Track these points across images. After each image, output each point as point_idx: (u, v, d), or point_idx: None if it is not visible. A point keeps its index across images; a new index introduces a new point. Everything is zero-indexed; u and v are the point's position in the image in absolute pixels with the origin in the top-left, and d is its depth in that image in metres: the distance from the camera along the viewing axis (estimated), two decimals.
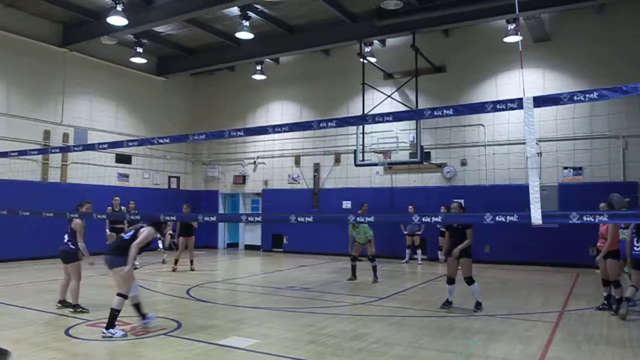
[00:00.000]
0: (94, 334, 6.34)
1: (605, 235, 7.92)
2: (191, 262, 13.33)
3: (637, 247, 7.41)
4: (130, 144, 6.81)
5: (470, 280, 8.02)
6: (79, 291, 7.74)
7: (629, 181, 13.64)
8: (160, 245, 15.41)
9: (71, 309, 7.66)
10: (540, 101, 4.31)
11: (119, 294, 6.25)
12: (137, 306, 6.68)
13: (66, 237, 7.80)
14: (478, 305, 8.06)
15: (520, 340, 6.19)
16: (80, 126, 17.05)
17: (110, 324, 6.17)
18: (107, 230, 13.45)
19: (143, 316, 6.70)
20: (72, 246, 7.74)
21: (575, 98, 4.19)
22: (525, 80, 14.77)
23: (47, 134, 16.07)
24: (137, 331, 6.50)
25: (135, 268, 13.71)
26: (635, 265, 7.49)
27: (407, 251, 15.59)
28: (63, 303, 7.93)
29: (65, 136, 16.57)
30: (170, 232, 15.58)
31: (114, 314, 6.20)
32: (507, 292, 10.10)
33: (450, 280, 8.20)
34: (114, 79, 18.30)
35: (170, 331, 6.54)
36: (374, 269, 11.42)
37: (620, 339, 6.30)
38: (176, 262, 13.10)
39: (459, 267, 8.16)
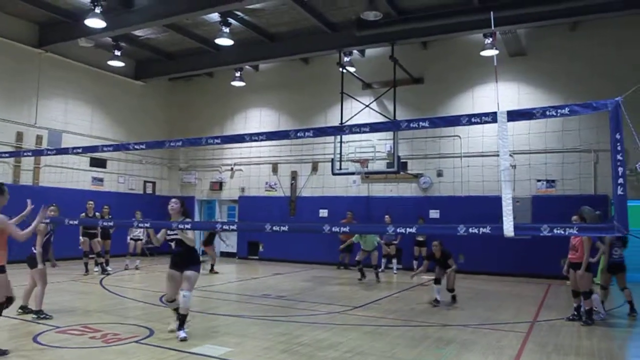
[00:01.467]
0: (63, 341, 6.22)
1: (576, 247, 8.08)
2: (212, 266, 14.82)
3: (616, 253, 8.46)
4: (105, 149, 6.75)
5: (452, 290, 9.86)
6: (43, 297, 7.59)
7: (600, 194, 13.94)
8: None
9: (34, 315, 7.49)
10: (514, 115, 4.41)
11: None
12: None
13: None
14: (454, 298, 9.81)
15: (492, 350, 6.26)
16: (54, 128, 16.75)
17: None
18: (80, 237, 13.26)
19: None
20: (34, 251, 7.59)
21: (547, 113, 4.30)
22: (501, 94, 15.06)
23: (19, 136, 15.73)
24: (108, 339, 6.40)
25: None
26: (610, 269, 8.64)
27: (383, 260, 15.64)
28: (24, 309, 7.73)
29: (39, 138, 16.25)
30: (142, 237, 15.28)
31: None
32: (480, 302, 10.22)
33: (438, 281, 9.70)
34: (91, 82, 18.05)
35: (142, 339, 6.45)
36: (377, 274, 13.15)
37: (590, 350, 6.42)
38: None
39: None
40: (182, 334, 6.40)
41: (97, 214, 13.50)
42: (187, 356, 5.73)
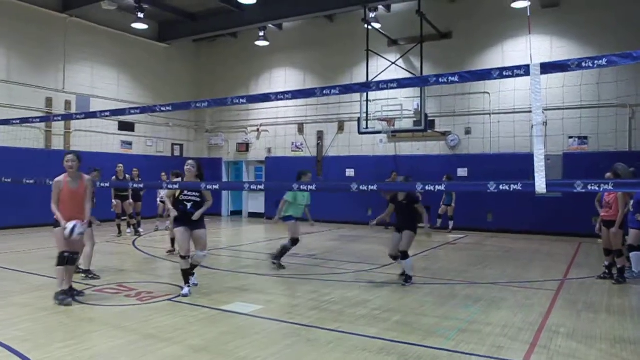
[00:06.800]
0: (100, 300, 6.43)
1: (610, 204, 7.90)
2: None
3: None
4: (132, 111, 6.78)
5: (405, 255, 7.53)
6: (92, 257, 7.76)
7: (635, 150, 13.53)
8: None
9: (83, 275, 7.69)
10: (547, 67, 4.23)
11: None
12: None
13: None
14: (407, 279, 7.55)
15: (521, 308, 6.24)
16: (82, 93, 16.94)
17: None
18: (113, 200, 13.53)
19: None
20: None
21: (583, 64, 4.11)
22: (532, 48, 14.57)
23: (49, 101, 15.98)
24: (143, 297, 6.59)
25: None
26: None
27: None
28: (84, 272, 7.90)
29: (68, 103, 16.48)
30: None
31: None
32: (509, 260, 10.16)
33: (393, 257, 7.90)
34: (116, 46, 18.09)
35: (174, 297, 6.62)
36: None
37: (621, 307, 6.35)
38: None
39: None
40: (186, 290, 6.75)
41: (127, 176, 13.72)
42: (218, 313, 5.87)
